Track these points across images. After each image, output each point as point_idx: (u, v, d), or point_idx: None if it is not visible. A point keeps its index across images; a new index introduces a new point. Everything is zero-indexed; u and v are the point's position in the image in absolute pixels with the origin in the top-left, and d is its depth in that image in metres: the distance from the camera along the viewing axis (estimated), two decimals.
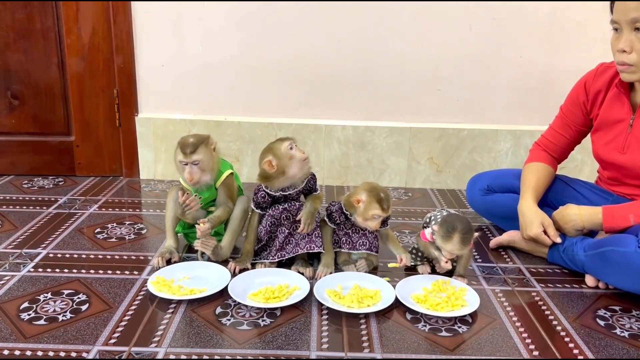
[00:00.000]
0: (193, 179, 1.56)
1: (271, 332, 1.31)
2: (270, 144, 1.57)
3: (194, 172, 1.56)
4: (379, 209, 1.52)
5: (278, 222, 1.61)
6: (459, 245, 1.47)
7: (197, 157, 1.55)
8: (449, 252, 1.50)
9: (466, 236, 1.46)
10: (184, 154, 1.55)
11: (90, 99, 2.37)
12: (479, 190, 1.93)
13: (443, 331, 1.34)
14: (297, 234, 1.61)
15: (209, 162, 1.59)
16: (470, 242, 1.49)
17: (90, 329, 1.30)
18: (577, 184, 1.85)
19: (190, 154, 1.55)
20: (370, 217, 1.54)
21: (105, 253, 1.72)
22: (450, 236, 1.46)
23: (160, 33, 2.31)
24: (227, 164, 1.70)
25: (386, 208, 1.53)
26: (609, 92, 1.68)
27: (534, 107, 2.39)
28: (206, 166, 1.58)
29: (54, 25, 2.27)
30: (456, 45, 2.32)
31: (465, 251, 1.52)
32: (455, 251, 1.49)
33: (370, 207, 1.53)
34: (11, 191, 2.25)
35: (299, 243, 1.60)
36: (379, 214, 1.53)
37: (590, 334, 1.34)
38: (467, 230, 1.47)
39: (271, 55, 2.33)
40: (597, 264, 1.54)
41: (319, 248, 1.58)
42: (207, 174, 1.60)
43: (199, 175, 1.57)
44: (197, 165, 1.56)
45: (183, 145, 1.56)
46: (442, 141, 2.41)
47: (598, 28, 2.26)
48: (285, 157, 1.52)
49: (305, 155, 1.55)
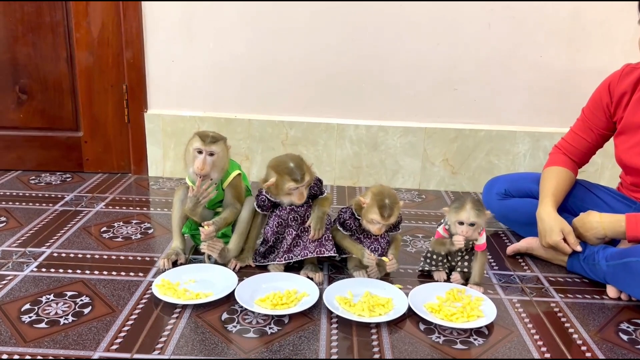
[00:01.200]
0: (204, 168, 1.52)
1: (278, 341, 1.26)
2: (282, 164, 1.50)
3: (207, 162, 1.53)
4: (378, 214, 1.47)
5: (285, 222, 1.56)
6: (472, 212, 1.46)
7: (215, 149, 1.53)
8: (465, 221, 1.47)
9: (477, 204, 1.47)
10: (203, 141, 1.52)
11: (99, 95, 2.33)
12: (496, 194, 1.87)
13: (458, 343, 1.28)
14: (305, 236, 1.56)
15: (223, 158, 1.56)
16: (482, 210, 1.48)
17: (92, 334, 1.26)
18: (598, 189, 1.78)
19: (209, 143, 1.52)
20: (370, 220, 1.50)
21: (110, 253, 1.68)
22: (462, 205, 1.47)
23: (170, 28, 2.26)
24: (236, 165, 1.66)
25: (386, 216, 1.47)
26: (634, 95, 1.62)
27: (553, 109, 2.32)
28: (219, 162, 1.55)
29: (63, 19, 2.24)
30: (474, 44, 2.25)
31: (480, 220, 1.48)
32: (471, 218, 1.46)
33: (371, 211, 1.48)
34: (18, 187, 2.22)
35: (308, 246, 1.55)
36: (378, 220, 1.48)
37: (612, 349, 1.28)
38: (478, 201, 1.49)
39: (283, 53, 2.28)
40: (619, 275, 1.47)
41: (329, 252, 1.53)
42: (217, 171, 1.56)
43: (210, 167, 1.54)
44: (211, 157, 1.53)
45: (203, 134, 1.54)
46: (457, 142, 2.35)
47: (622, 27, 2.18)
48: (283, 192, 1.51)
49: (302, 199, 1.52)
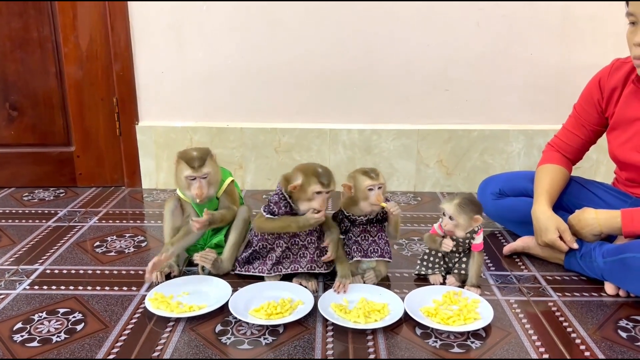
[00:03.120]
0: (203, 193, 1.50)
1: (273, 351, 1.24)
2: (310, 167, 1.47)
3: (204, 186, 1.50)
4: (369, 178, 1.46)
5: (277, 234, 1.54)
6: (455, 208, 1.46)
7: (207, 170, 1.50)
8: (445, 212, 1.49)
9: (465, 203, 1.46)
10: (193, 168, 1.48)
11: (89, 108, 2.32)
12: (491, 194, 1.85)
13: (455, 347, 1.27)
14: (294, 249, 1.54)
15: (216, 174, 1.54)
16: (468, 210, 1.46)
17: (85, 351, 1.25)
18: (593, 185, 1.77)
19: (199, 167, 1.48)
20: (365, 196, 1.47)
21: (103, 268, 1.66)
22: (452, 198, 1.48)
23: (159, 39, 2.25)
24: (227, 172, 1.65)
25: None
26: (625, 89, 1.60)
27: (546, 106, 2.31)
28: (213, 179, 1.53)
29: (51, 34, 2.23)
30: (464, 44, 2.24)
31: (460, 220, 1.47)
32: (451, 213, 1.47)
33: (363, 184, 1.47)
34: (11, 204, 2.21)
35: (300, 261, 1.52)
36: (371, 184, 1.46)
37: (611, 347, 1.27)
38: (470, 200, 1.48)
39: (273, 59, 2.27)
40: (617, 271, 1.46)
41: (320, 269, 1.51)
42: (213, 187, 1.55)
43: (207, 189, 1.52)
44: (205, 179, 1.51)
45: (190, 159, 1.49)
46: (451, 143, 2.33)
47: (613, 22, 2.17)
48: (306, 195, 1.45)
49: (324, 206, 1.47)
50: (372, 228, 1.56)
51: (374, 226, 1.56)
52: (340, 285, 1.47)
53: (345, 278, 1.49)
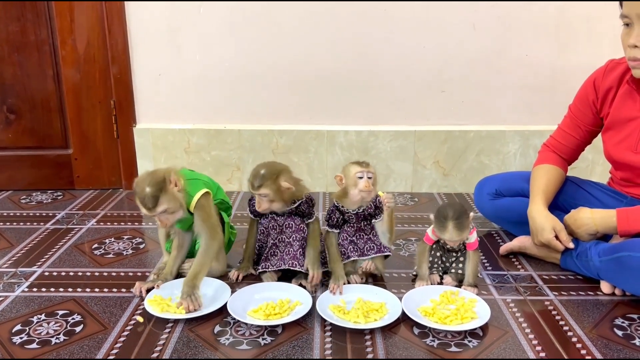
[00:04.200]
0: (167, 225, 1.44)
1: (272, 352, 1.25)
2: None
3: (164, 219, 1.42)
4: (359, 166, 1.49)
5: (267, 231, 1.57)
6: (455, 232, 1.45)
7: (161, 208, 1.39)
8: (449, 240, 1.48)
9: (459, 221, 1.45)
10: (148, 209, 1.38)
11: (87, 111, 2.32)
12: (487, 194, 1.86)
13: (452, 346, 1.27)
14: (281, 246, 1.55)
15: (174, 205, 1.41)
16: (465, 226, 1.46)
17: (84, 352, 1.25)
18: (589, 185, 1.78)
19: (152, 208, 1.38)
20: (354, 182, 1.49)
21: (102, 270, 1.67)
22: (444, 225, 1.46)
23: (156, 42, 2.26)
24: (199, 183, 1.52)
25: (364, 165, 1.50)
26: (619, 90, 1.62)
27: (542, 107, 2.32)
28: (173, 209, 1.42)
29: (48, 37, 2.24)
30: (460, 45, 2.26)
31: (464, 235, 1.48)
32: (454, 238, 1.47)
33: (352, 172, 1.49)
34: (9, 207, 2.21)
35: (284, 257, 1.53)
36: (360, 171, 1.49)
37: (607, 345, 1.28)
38: (459, 215, 1.45)
39: (270, 61, 2.28)
40: (612, 270, 1.47)
41: (300, 267, 1.52)
42: (178, 214, 1.44)
43: (171, 220, 1.44)
44: (164, 214, 1.41)
45: (142, 199, 1.38)
46: (448, 144, 2.35)
47: (607, 23, 2.18)
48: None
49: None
50: (366, 227, 1.57)
51: (367, 224, 1.57)
52: (335, 287, 1.48)
53: (339, 280, 1.50)
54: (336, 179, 1.53)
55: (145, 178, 1.40)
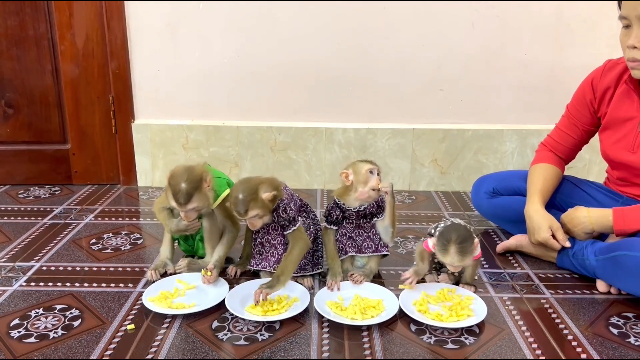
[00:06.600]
0: (190, 219, 1.47)
1: (269, 347, 1.25)
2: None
3: (190, 215, 1.46)
4: (370, 164, 1.49)
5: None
6: (457, 257, 1.37)
7: (192, 206, 1.43)
8: (450, 265, 1.42)
9: (462, 245, 1.36)
10: (180, 204, 1.41)
11: (85, 106, 2.32)
12: (485, 193, 1.87)
13: (449, 343, 1.28)
14: (267, 246, 1.55)
15: (204, 204, 1.46)
16: (468, 251, 1.38)
17: (82, 347, 1.25)
18: (585, 184, 1.79)
19: (184, 204, 1.41)
20: (365, 179, 1.48)
21: (100, 265, 1.67)
22: (446, 249, 1.37)
23: (155, 38, 2.26)
24: (223, 182, 1.57)
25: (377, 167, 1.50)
26: (617, 89, 1.62)
27: (540, 106, 2.33)
28: (201, 207, 1.46)
29: (47, 32, 2.23)
30: (459, 44, 2.26)
31: (467, 262, 1.42)
32: (455, 263, 1.39)
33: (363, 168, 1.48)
34: (6, 201, 2.21)
35: (269, 259, 1.54)
36: (371, 168, 1.48)
37: (603, 343, 1.29)
38: (463, 239, 1.37)
39: (269, 58, 2.28)
40: (608, 269, 1.48)
41: None
42: (202, 210, 1.49)
43: (194, 216, 1.48)
44: (192, 210, 1.45)
45: (176, 193, 1.40)
46: (446, 142, 2.35)
47: (605, 24, 2.20)
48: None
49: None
50: (366, 224, 1.57)
51: (367, 222, 1.57)
52: (333, 283, 1.48)
53: (336, 276, 1.51)
54: (341, 175, 1.51)
55: (182, 173, 1.42)
